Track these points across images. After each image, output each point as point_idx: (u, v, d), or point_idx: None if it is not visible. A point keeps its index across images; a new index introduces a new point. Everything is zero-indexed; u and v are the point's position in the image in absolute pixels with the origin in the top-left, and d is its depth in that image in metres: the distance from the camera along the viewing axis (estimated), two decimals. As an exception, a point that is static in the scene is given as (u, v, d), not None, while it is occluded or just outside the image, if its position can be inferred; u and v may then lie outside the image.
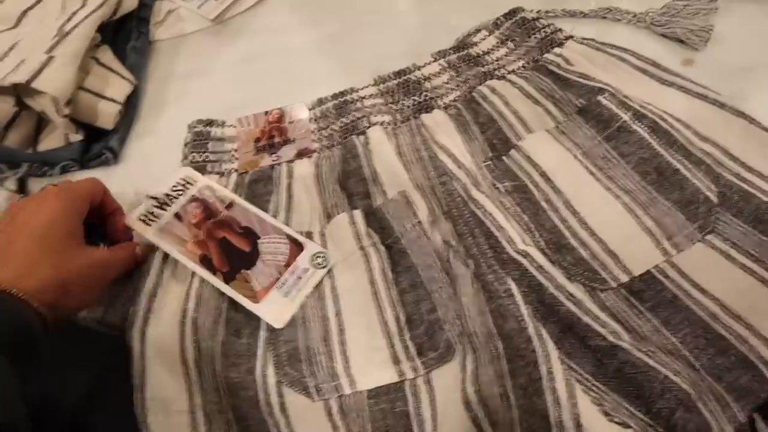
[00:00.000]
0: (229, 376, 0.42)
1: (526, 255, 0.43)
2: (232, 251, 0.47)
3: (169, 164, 0.54)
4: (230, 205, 0.49)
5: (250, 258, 0.47)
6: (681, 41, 0.55)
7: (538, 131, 0.50)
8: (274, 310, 0.44)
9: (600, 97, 0.50)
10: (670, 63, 0.53)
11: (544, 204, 0.46)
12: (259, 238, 0.47)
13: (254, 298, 0.45)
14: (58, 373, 0.42)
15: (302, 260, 0.46)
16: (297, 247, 0.46)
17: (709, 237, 0.43)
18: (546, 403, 0.38)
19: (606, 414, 0.37)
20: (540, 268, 0.43)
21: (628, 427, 0.36)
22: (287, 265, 0.46)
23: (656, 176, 0.46)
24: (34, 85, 0.51)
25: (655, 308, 0.41)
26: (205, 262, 0.47)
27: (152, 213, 0.49)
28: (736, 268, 0.41)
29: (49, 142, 0.57)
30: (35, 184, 0.58)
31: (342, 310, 0.44)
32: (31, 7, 0.63)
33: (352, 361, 0.42)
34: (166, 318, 0.45)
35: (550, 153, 0.48)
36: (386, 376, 0.41)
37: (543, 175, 0.48)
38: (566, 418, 0.37)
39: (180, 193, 0.51)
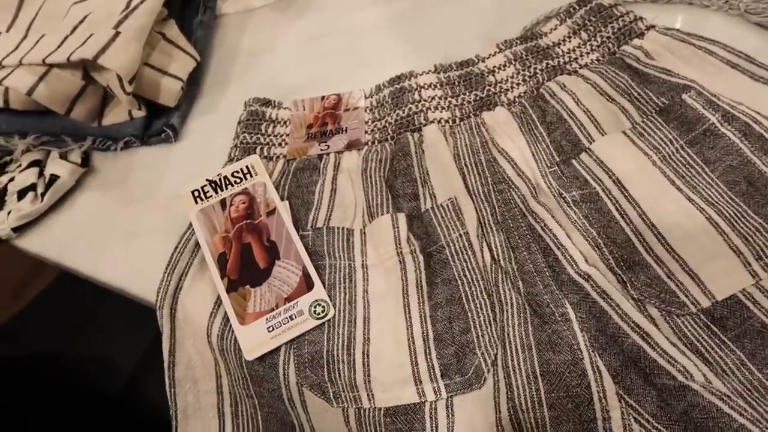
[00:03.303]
0: (253, 368, 0.42)
1: (588, 278, 0.40)
2: (248, 261, 0.46)
3: (229, 143, 0.54)
4: (272, 212, 0.48)
5: (261, 275, 0.45)
6: (780, 32, 0.50)
7: (612, 133, 0.46)
8: (251, 340, 0.42)
9: (685, 96, 0.45)
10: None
11: (616, 215, 0.42)
12: (279, 258, 0.46)
13: (242, 318, 0.43)
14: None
15: (303, 302, 0.43)
16: (307, 284, 0.44)
17: (806, 258, 0.38)
18: None
19: None
20: (603, 293, 0.39)
21: None
22: (288, 299, 0.44)
23: (746, 187, 0.41)
24: (100, 61, 0.51)
25: (740, 338, 0.37)
26: (221, 261, 0.46)
27: (206, 192, 0.49)
28: (838, 295, 0.36)
29: (114, 116, 0.57)
30: (99, 158, 0.58)
31: (371, 317, 0.42)
32: (102, -21, 0.62)
33: (373, 375, 0.40)
34: (195, 300, 0.45)
35: (625, 157, 0.44)
36: (405, 395, 0.39)
37: (617, 182, 0.43)
38: None
39: (238, 181, 0.50)
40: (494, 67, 0.52)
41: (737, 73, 0.47)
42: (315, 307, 0.43)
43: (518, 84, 0.51)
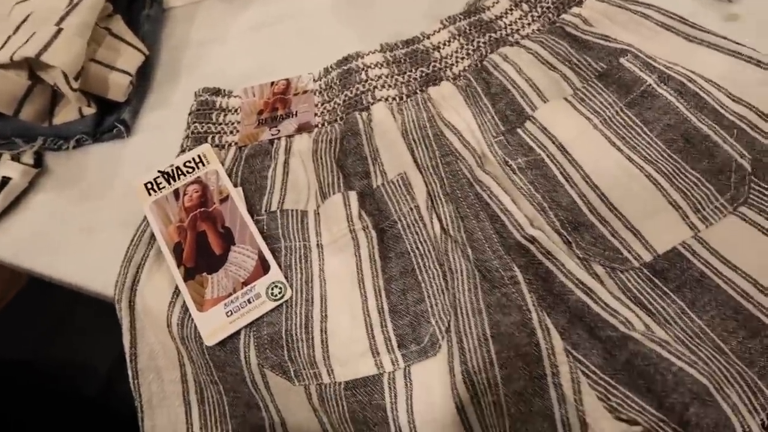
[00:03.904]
0: (215, 354, 0.42)
1: (533, 240, 0.41)
2: (203, 249, 0.46)
3: (182, 136, 0.54)
4: (225, 199, 0.48)
5: (217, 262, 0.45)
6: (713, -7, 0.51)
7: (554, 100, 0.47)
8: (211, 325, 0.43)
9: (622, 60, 0.46)
10: (710, 20, 0.48)
11: (561, 179, 0.43)
12: (234, 243, 0.46)
13: (200, 305, 0.44)
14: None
15: (260, 285, 0.44)
16: (263, 267, 0.45)
17: (741, 209, 0.39)
18: (551, 400, 0.36)
19: (612, 410, 0.35)
20: (548, 254, 0.40)
21: (636, 424, 0.34)
22: (245, 283, 0.44)
23: (683, 144, 0.42)
24: (43, 58, 0.51)
25: (680, 288, 0.38)
26: (177, 250, 0.46)
27: (158, 183, 0.49)
28: (772, 243, 0.38)
29: (65, 115, 0.57)
30: (52, 158, 0.58)
31: (328, 294, 0.43)
32: (45, -23, 0.61)
33: (331, 351, 0.41)
34: (153, 290, 0.45)
35: (567, 123, 0.45)
36: (364, 368, 0.40)
37: (560, 147, 0.45)
38: (572, 415, 0.36)
39: (190, 170, 0.50)
40: (439, 43, 0.53)
41: (672, 35, 0.48)
42: (272, 289, 0.44)
43: (462, 58, 0.51)
